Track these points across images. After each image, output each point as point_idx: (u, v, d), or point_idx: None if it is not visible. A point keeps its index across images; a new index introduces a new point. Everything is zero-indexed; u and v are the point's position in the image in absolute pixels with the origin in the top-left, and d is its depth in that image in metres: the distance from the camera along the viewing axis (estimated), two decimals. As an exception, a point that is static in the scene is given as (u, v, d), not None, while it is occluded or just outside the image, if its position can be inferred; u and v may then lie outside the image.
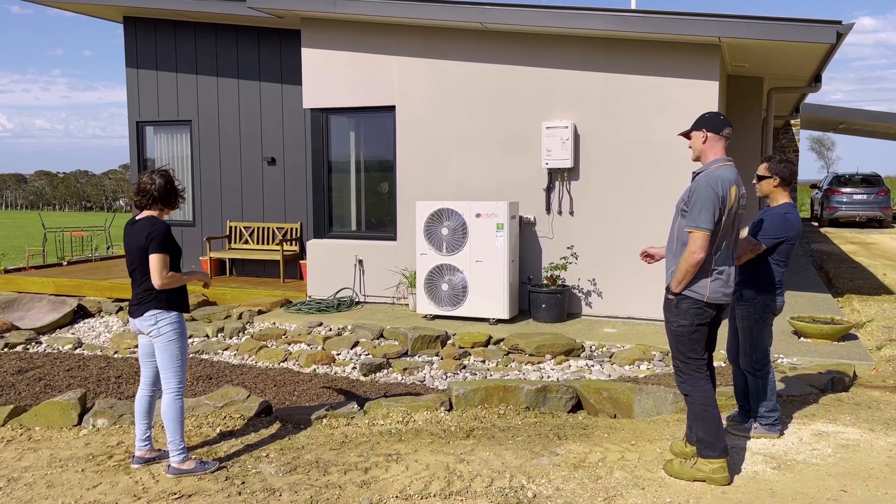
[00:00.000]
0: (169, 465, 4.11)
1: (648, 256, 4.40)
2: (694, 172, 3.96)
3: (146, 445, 4.27)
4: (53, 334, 8.67)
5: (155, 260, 4.00)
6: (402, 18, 8.58)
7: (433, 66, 8.92)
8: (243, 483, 3.98)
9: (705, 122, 3.94)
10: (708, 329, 3.95)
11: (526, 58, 8.51)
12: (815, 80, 10.02)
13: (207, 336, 8.21)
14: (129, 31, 11.82)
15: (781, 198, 4.58)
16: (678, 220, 3.92)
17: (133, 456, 4.28)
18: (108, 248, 17.03)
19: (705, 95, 7.82)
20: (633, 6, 10.36)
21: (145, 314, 4.10)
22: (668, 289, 3.94)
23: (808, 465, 4.10)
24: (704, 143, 3.93)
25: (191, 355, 7.46)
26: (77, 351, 7.71)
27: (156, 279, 4.01)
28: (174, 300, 4.15)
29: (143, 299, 4.11)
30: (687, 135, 4.06)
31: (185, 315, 8.83)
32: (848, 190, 21.06)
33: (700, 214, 3.73)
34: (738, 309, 4.60)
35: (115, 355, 7.44)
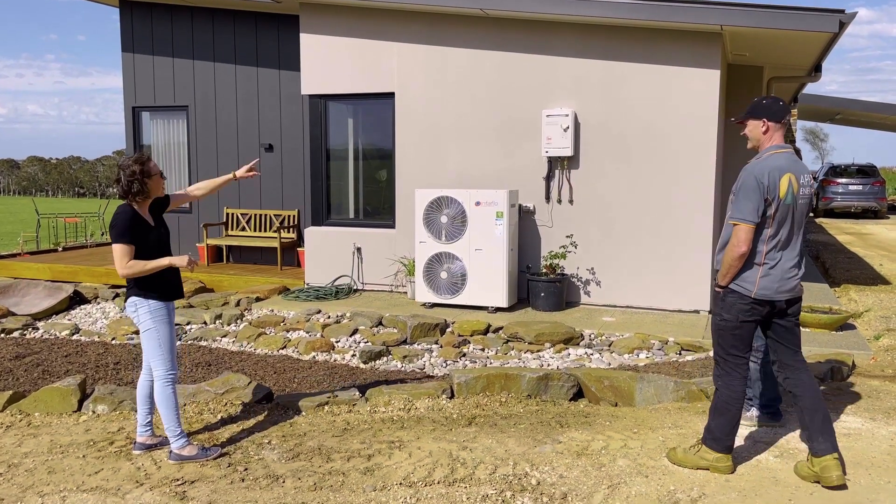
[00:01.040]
0: (171, 452, 4.10)
1: None
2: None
3: (147, 431, 4.26)
4: (50, 320, 8.63)
5: (114, 250, 4.00)
6: (402, 4, 8.51)
7: (433, 53, 8.86)
8: (246, 469, 3.97)
9: (764, 110, 3.72)
10: (756, 327, 3.78)
11: (526, 45, 8.46)
12: (816, 70, 10.00)
13: (205, 323, 8.18)
14: (126, 16, 11.70)
15: None
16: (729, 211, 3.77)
17: (134, 442, 4.26)
18: (102, 234, 16.96)
19: (706, 84, 7.80)
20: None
21: (127, 301, 4.14)
22: (715, 282, 3.82)
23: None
24: (765, 132, 3.73)
25: (189, 342, 7.43)
26: (74, 337, 7.67)
27: (117, 269, 4.01)
28: (154, 287, 4.10)
29: (128, 287, 4.15)
30: (741, 121, 3.84)
31: (181, 301, 8.83)
32: (843, 180, 21.12)
33: (742, 205, 3.60)
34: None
35: (113, 341, 7.41)
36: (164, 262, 4.06)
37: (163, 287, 4.15)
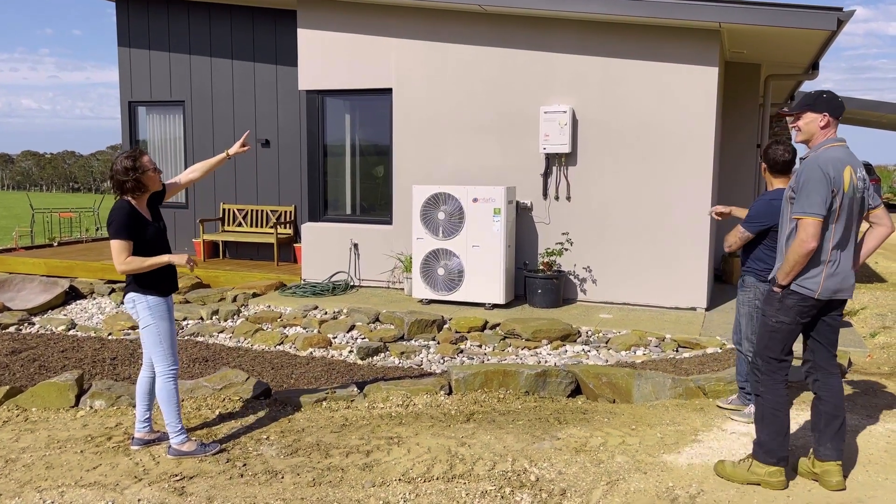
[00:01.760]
0: (169, 447, 4.09)
1: (718, 215, 4.60)
2: (801, 158, 3.66)
3: (145, 427, 4.25)
4: (46, 315, 8.60)
5: (112, 246, 3.97)
6: (400, 0, 8.48)
7: (431, 49, 8.85)
8: (245, 465, 3.97)
9: (825, 105, 3.53)
10: (805, 327, 3.66)
11: (525, 41, 8.45)
12: (813, 68, 10.02)
13: (202, 318, 8.16)
14: (122, 10, 11.65)
15: (774, 183, 4.53)
16: (786, 210, 3.61)
17: (132, 437, 4.25)
18: (97, 229, 16.89)
19: (704, 81, 7.80)
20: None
21: (125, 297, 4.13)
22: (772, 280, 3.64)
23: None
24: (824, 126, 3.54)
25: (186, 337, 7.42)
26: (70, 332, 7.64)
27: (116, 265, 3.99)
28: (152, 283, 4.08)
29: (126, 283, 4.13)
30: (795, 114, 3.63)
31: (178, 297, 8.80)
32: None
33: (809, 199, 3.40)
34: (741, 294, 4.62)
35: (110, 337, 7.39)
36: (164, 259, 4.03)
37: (160, 282, 4.12)
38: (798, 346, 3.85)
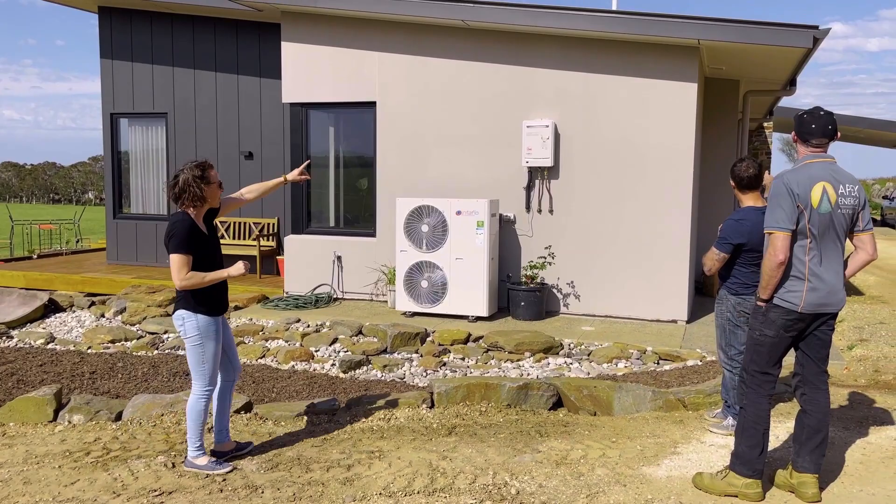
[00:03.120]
0: (185, 459, 4.12)
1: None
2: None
3: (225, 439, 4.26)
4: (24, 329, 8.51)
5: (172, 260, 3.90)
6: (384, 14, 8.54)
7: (414, 63, 8.90)
8: (224, 480, 3.95)
9: (795, 125, 3.64)
10: (795, 340, 3.66)
11: (507, 56, 8.53)
12: (791, 84, 10.18)
13: (183, 331, 8.11)
14: (105, 22, 11.63)
15: (745, 201, 4.54)
16: None
17: (212, 451, 4.23)
18: (77, 241, 16.75)
19: (684, 97, 7.91)
20: (613, 6, 10.44)
21: (174, 314, 4.06)
22: (756, 295, 3.68)
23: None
24: (798, 144, 3.64)
25: (166, 351, 7.37)
26: (49, 346, 7.57)
27: (175, 280, 3.91)
28: (203, 302, 4.00)
29: (175, 299, 4.07)
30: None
31: (157, 310, 8.74)
32: None
33: (774, 213, 3.48)
34: (716, 307, 4.68)
35: (89, 351, 7.32)
36: (223, 274, 3.96)
37: (211, 301, 4.04)
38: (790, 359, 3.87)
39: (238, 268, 3.95)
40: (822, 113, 3.59)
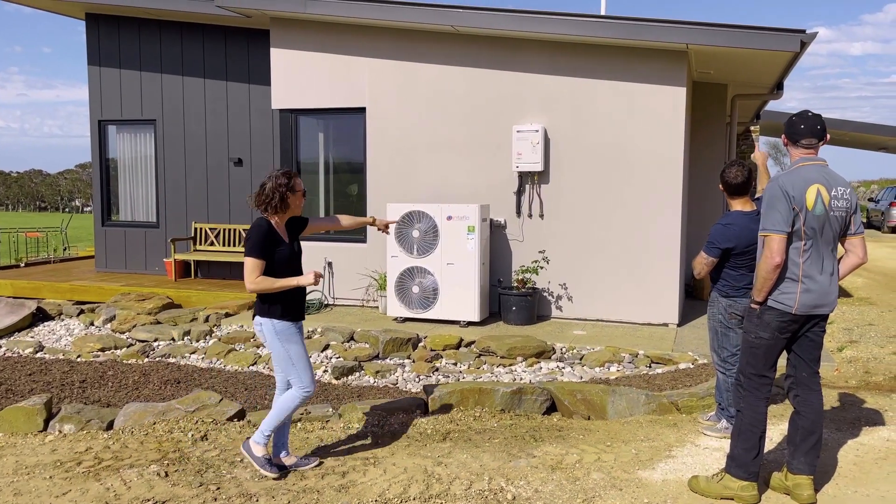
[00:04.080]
0: (247, 439, 4.15)
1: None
2: None
3: (283, 452, 4.23)
4: (12, 337, 8.43)
5: (245, 264, 3.94)
6: (373, 20, 8.55)
7: (404, 69, 8.91)
8: (218, 489, 3.91)
9: (785, 128, 3.68)
10: (787, 342, 3.68)
11: (497, 61, 8.55)
12: (777, 88, 10.26)
13: (173, 339, 8.06)
14: (92, 29, 11.57)
15: (734, 205, 4.57)
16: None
17: (268, 459, 4.19)
18: (64, 249, 16.63)
19: (672, 101, 7.95)
20: (602, 11, 10.49)
21: (254, 320, 4.09)
22: (751, 298, 3.69)
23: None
24: (789, 147, 3.68)
25: (157, 359, 7.31)
26: (38, 355, 7.50)
27: (246, 283, 3.95)
28: (280, 307, 4.03)
29: (256, 305, 4.10)
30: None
31: (148, 318, 8.67)
32: None
33: (770, 216, 3.51)
34: (708, 309, 4.71)
35: (79, 359, 7.26)
36: (293, 282, 3.99)
37: (288, 307, 4.07)
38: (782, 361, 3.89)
39: (309, 277, 3.99)
40: (810, 114, 3.63)
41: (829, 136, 3.67)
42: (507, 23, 7.98)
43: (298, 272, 4.15)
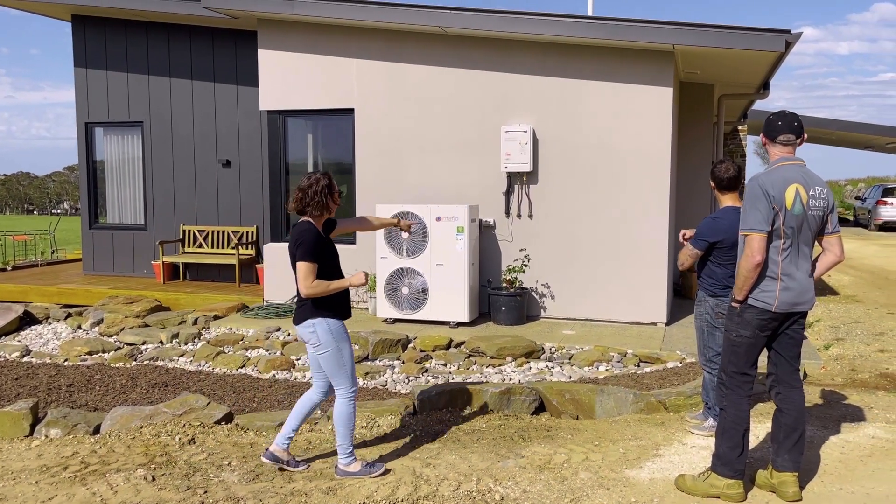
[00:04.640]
0: (336, 467, 4.10)
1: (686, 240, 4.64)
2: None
3: (286, 445, 4.19)
4: (-2, 342, 8.36)
5: (300, 268, 3.91)
6: (361, 21, 8.54)
7: (392, 70, 8.91)
8: (206, 492, 3.90)
9: (763, 127, 3.72)
10: (768, 340, 3.72)
11: (485, 62, 8.56)
12: (764, 88, 10.32)
13: (162, 342, 8.03)
14: (78, 31, 11.50)
15: (724, 201, 4.62)
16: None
17: (267, 450, 4.18)
18: (52, 252, 16.52)
19: (659, 101, 7.99)
20: (589, 12, 10.52)
21: (304, 322, 4.05)
22: (731, 296, 3.73)
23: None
24: (768, 146, 3.72)
25: (145, 362, 7.28)
26: (25, 359, 7.45)
27: (301, 288, 3.92)
28: (331, 307, 4.03)
29: (301, 308, 4.06)
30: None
31: (136, 321, 8.64)
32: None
33: (750, 215, 3.55)
34: (696, 309, 4.73)
35: (66, 363, 7.22)
36: (345, 283, 3.99)
37: (338, 306, 4.08)
38: (762, 360, 3.93)
39: (360, 277, 3.98)
40: (787, 112, 3.69)
41: (806, 135, 3.71)
42: (495, 24, 7.99)
43: (341, 273, 4.19)
